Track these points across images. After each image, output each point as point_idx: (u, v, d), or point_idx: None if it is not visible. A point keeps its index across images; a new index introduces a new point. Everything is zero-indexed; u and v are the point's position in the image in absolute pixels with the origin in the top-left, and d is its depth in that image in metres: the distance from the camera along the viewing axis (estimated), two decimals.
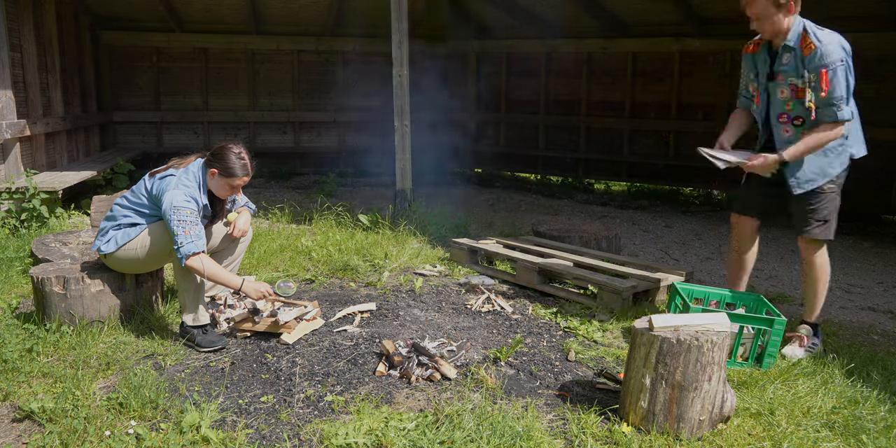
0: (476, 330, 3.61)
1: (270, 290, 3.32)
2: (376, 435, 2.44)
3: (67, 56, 7.86)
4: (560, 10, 8.86)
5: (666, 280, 4.13)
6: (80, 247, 4.65)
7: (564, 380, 3.03)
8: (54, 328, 3.27)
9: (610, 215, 7.59)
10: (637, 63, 9.05)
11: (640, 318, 2.71)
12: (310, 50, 10.02)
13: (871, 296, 4.71)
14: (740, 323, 3.17)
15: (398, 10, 5.85)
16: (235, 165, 3.25)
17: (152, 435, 2.43)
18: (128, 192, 3.43)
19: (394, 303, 4.02)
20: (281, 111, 10.10)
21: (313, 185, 9.26)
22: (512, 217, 6.97)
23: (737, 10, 3.38)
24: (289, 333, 3.32)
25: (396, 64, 5.88)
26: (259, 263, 4.75)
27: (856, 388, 2.97)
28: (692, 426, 2.52)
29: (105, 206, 5.62)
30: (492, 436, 2.43)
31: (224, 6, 8.95)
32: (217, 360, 3.14)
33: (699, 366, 2.47)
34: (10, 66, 6.15)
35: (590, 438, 2.50)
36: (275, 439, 2.47)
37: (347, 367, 3.07)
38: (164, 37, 9.43)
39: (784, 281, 5.01)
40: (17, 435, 2.50)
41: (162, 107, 9.64)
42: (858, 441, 2.55)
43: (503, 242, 5.00)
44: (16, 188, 5.71)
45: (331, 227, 5.97)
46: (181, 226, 3.13)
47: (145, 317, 3.50)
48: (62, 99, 7.52)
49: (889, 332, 3.97)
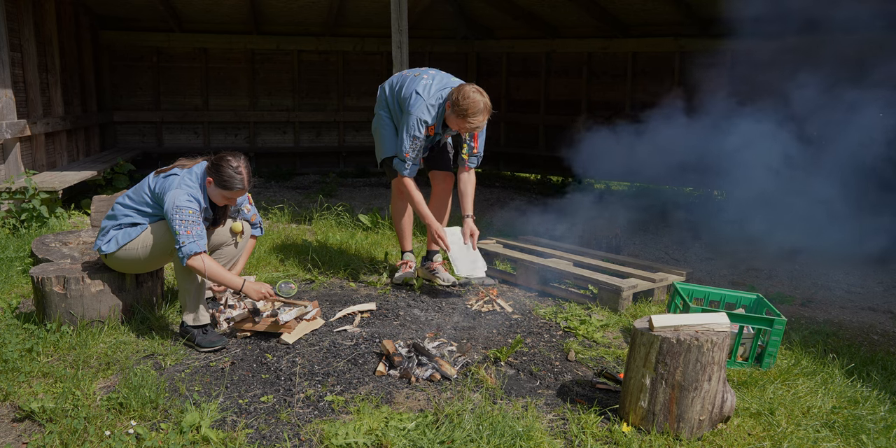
0: (476, 330, 3.61)
1: (271, 291, 3.33)
2: (376, 435, 2.44)
3: (67, 56, 7.86)
4: (560, 10, 8.87)
5: (666, 280, 4.13)
6: (81, 247, 4.65)
7: (564, 380, 3.03)
8: (54, 328, 3.27)
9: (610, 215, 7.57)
10: (637, 63, 9.06)
11: (640, 318, 2.71)
12: (310, 50, 10.02)
13: (871, 296, 4.71)
14: (740, 323, 3.17)
15: (398, 10, 5.86)
16: (232, 179, 3.25)
17: (152, 435, 2.43)
18: (130, 191, 3.43)
19: (394, 303, 4.02)
20: (281, 111, 10.10)
21: (313, 185, 9.26)
22: (512, 217, 6.96)
23: (737, 10, 3.38)
24: (289, 333, 3.32)
25: (396, 64, 5.88)
26: (259, 263, 4.75)
27: (856, 388, 2.97)
28: (692, 426, 2.52)
29: (105, 206, 5.62)
30: (492, 436, 2.43)
31: (224, 6, 8.95)
32: (217, 360, 3.14)
33: (699, 366, 2.47)
34: (10, 66, 6.15)
35: (590, 438, 2.50)
36: (275, 439, 2.47)
37: (347, 367, 3.07)
38: (164, 37, 9.42)
39: (784, 281, 5.01)
40: (17, 435, 2.50)
41: (162, 107, 9.64)
42: (858, 441, 2.55)
43: (503, 242, 5.00)
44: (16, 188, 5.71)
45: (331, 227, 5.98)
46: (183, 225, 3.13)
47: (145, 317, 3.50)
48: (62, 99, 7.52)
49: (889, 332, 3.97)
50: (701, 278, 4.82)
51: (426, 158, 4.15)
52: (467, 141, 4.08)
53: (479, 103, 3.69)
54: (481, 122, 3.78)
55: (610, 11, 8.75)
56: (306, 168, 10.23)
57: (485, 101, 3.72)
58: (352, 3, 9.14)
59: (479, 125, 3.78)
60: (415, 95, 3.87)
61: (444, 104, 3.84)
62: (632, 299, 4.00)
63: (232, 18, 9.36)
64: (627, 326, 3.72)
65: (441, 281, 4.29)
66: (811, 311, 4.27)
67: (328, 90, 10.25)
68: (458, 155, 4.17)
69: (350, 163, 10.30)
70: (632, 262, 4.52)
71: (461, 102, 3.69)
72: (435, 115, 3.86)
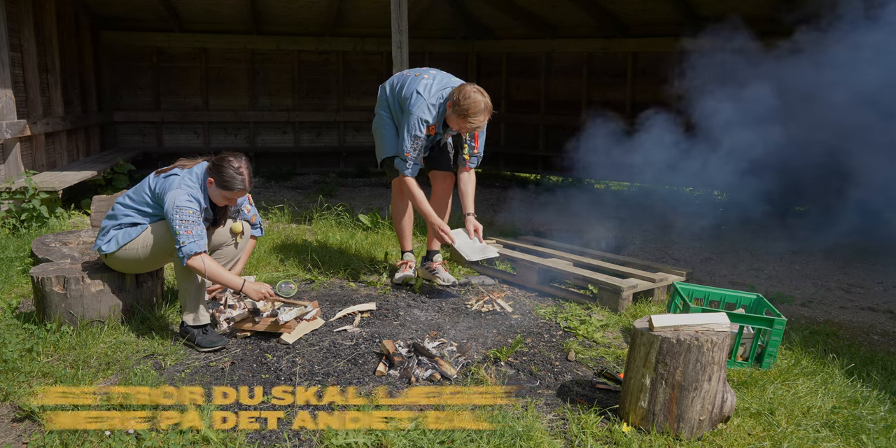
0: (476, 330, 3.61)
1: (271, 291, 3.32)
2: (376, 435, 2.44)
3: (67, 56, 7.86)
4: (560, 10, 8.87)
5: (666, 280, 4.13)
6: (81, 247, 4.65)
7: (564, 380, 3.04)
8: (54, 328, 3.27)
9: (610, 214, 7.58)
10: (637, 63, 9.06)
11: (640, 318, 2.71)
12: (310, 50, 10.02)
13: (871, 296, 4.70)
14: (740, 323, 3.17)
15: (398, 10, 5.86)
16: (233, 180, 3.24)
17: (152, 435, 2.43)
18: (130, 191, 3.43)
19: (394, 303, 4.02)
20: (281, 111, 10.10)
21: (313, 185, 9.26)
22: (512, 217, 6.96)
23: (737, 9, 3.38)
24: (289, 333, 3.32)
25: (396, 64, 5.88)
26: (259, 263, 4.75)
27: (856, 388, 2.97)
28: (692, 426, 2.52)
29: (105, 206, 5.62)
30: (492, 436, 2.43)
31: (224, 6, 8.95)
32: (217, 360, 3.14)
33: (699, 366, 2.47)
34: (10, 66, 6.15)
35: (590, 438, 2.50)
36: (275, 439, 2.47)
37: (347, 367, 3.07)
38: (164, 37, 9.43)
39: (784, 281, 5.01)
40: (17, 435, 2.50)
41: (162, 107, 9.65)
42: (858, 441, 2.55)
43: (503, 242, 5.00)
44: (16, 188, 5.71)
45: (331, 227, 5.98)
46: (183, 225, 3.13)
47: (145, 317, 3.50)
48: (62, 99, 7.52)
49: (889, 332, 3.97)
50: (701, 278, 4.82)
51: (426, 158, 4.16)
52: (468, 141, 4.08)
53: (479, 103, 3.70)
54: (482, 122, 3.78)
55: (610, 11, 8.75)
56: (306, 168, 10.23)
57: (486, 101, 3.73)
58: (352, 3, 9.14)
59: (479, 125, 3.78)
60: (415, 95, 3.87)
61: (444, 104, 3.85)
62: (632, 299, 4.00)
63: (232, 18, 9.37)
64: (627, 326, 3.72)
65: (441, 281, 4.29)
66: (811, 311, 4.27)
67: (328, 90, 10.25)
68: (458, 155, 4.18)
69: (350, 163, 10.30)
70: (632, 262, 4.53)
71: (462, 102, 3.69)
72: (436, 115, 3.86)
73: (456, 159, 4.23)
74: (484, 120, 3.77)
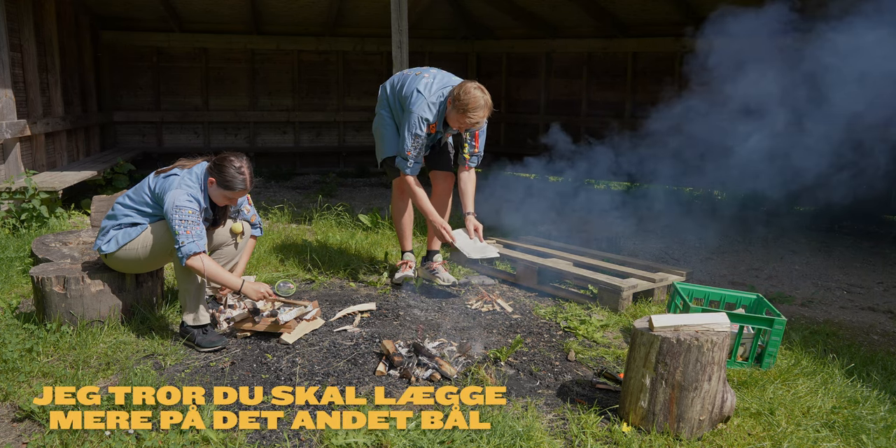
0: (476, 330, 3.61)
1: (270, 291, 3.32)
2: (376, 435, 2.44)
3: (67, 56, 7.86)
4: (560, 10, 8.86)
5: (666, 280, 4.13)
6: (81, 247, 4.65)
7: (564, 380, 3.03)
8: (54, 328, 3.27)
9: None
10: (637, 63, 9.06)
11: (640, 318, 2.71)
12: (310, 50, 10.02)
13: (871, 296, 4.70)
14: (740, 323, 3.17)
15: (398, 10, 5.85)
16: (234, 180, 3.25)
17: (152, 435, 2.43)
18: (130, 191, 3.43)
19: (394, 303, 4.02)
20: (281, 111, 10.10)
21: (313, 185, 9.26)
22: (512, 217, 6.96)
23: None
24: (289, 333, 3.32)
25: (396, 64, 5.88)
26: (259, 263, 4.75)
27: (856, 388, 2.97)
28: (692, 426, 2.52)
29: (105, 206, 5.62)
30: (492, 436, 2.43)
31: (224, 6, 8.95)
32: (217, 360, 3.14)
33: (699, 366, 2.47)
34: (10, 66, 6.15)
35: (590, 438, 2.50)
36: (275, 439, 2.47)
37: (347, 367, 3.07)
38: (164, 37, 9.42)
39: (784, 281, 5.01)
40: (17, 435, 2.50)
41: (162, 107, 9.64)
42: (858, 441, 2.55)
43: (503, 242, 5.00)
44: (16, 188, 5.71)
45: (331, 227, 5.98)
46: (183, 225, 3.13)
47: (145, 317, 3.50)
48: (62, 99, 7.52)
49: (889, 332, 3.97)
50: (701, 278, 4.82)
51: (427, 158, 4.16)
52: (468, 140, 4.08)
53: (479, 99, 3.70)
54: (482, 118, 3.78)
55: (610, 11, 8.74)
56: (306, 168, 10.23)
57: (486, 97, 3.73)
58: (352, 3, 9.14)
59: (479, 121, 3.78)
60: (416, 94, 3.87)
61: (445, 102, 3.85)
62: (632, 299, 4.00)
63: (232, 18, 9.37)
64: (627, 326, 3.72)
65: (441, 281, 4.29)
66: (811, 311, 4.27)
67: (328, 90, 10.25)
68: (458, 154, 4.18)
69: (350, 163, 10.30)
70: (632, 262, 4.52)
71: (462, 97, 3.70)
72: (436, 114, 3.86)
73: (456, 159, 4.23)
74: (483, 116, 3.77)
